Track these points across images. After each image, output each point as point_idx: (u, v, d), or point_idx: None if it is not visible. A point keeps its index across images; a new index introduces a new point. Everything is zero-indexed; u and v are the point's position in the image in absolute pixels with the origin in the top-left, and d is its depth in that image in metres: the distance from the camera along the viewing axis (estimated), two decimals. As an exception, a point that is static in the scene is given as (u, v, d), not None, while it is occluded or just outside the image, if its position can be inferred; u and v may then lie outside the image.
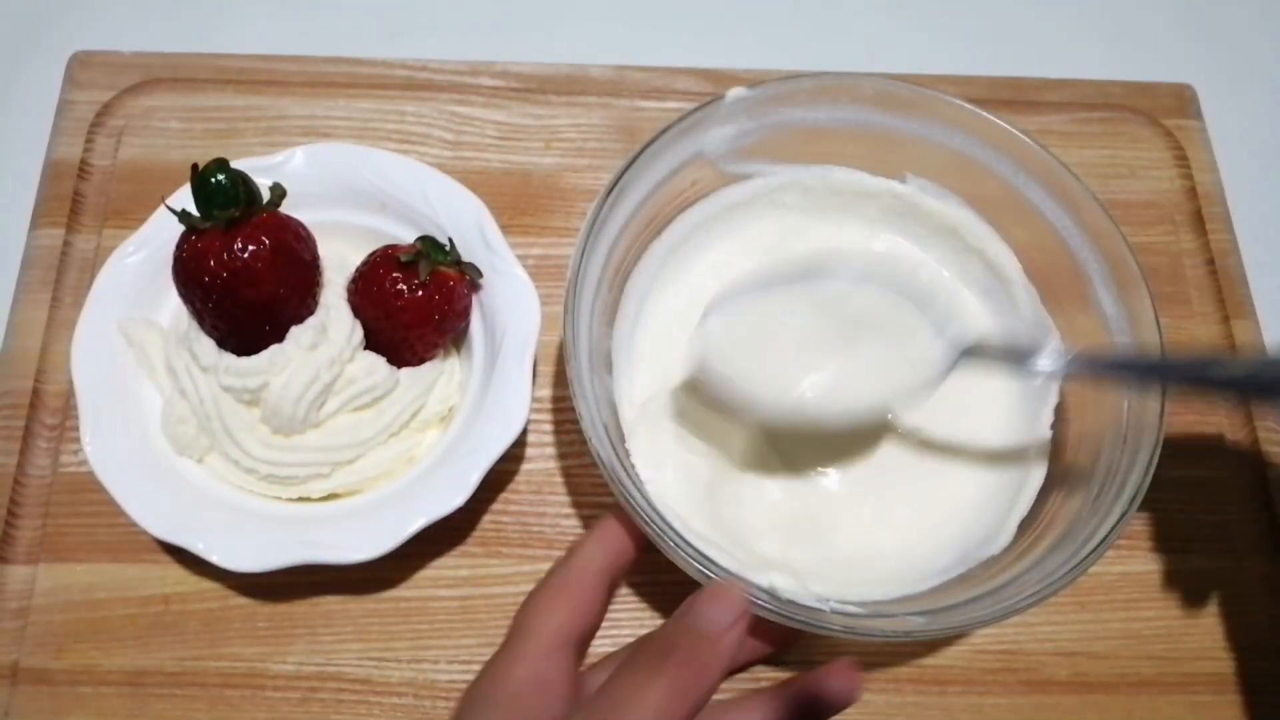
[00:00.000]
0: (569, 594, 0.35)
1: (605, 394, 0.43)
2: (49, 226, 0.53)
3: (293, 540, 0.41)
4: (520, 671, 0.33)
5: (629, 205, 0.45)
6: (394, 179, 0.48)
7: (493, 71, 0.59)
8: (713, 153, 0.47)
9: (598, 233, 0.42)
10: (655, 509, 0.38)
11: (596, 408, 0.40)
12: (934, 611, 0.38)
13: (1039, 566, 0.39)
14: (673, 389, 0.46)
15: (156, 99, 0.57)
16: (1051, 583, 0.37)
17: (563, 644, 0.34)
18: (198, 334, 0.43)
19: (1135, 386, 0.41)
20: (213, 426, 0.43)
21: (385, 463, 0.45)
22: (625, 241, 0.45)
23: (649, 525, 0.37)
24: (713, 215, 0.49)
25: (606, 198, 0.42)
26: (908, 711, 0.46)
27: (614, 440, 0.41)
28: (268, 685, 0.45)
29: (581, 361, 0.40)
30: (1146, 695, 0.46)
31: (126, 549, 0.47)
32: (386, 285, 0.44)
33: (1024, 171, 0.46)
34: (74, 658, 0.45)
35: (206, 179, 0.39)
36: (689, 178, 0.47)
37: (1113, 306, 0.44)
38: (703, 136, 0.46)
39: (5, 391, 0.50)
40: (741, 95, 0.45)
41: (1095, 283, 0.44)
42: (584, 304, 0.42)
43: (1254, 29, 0.68)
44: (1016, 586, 0.38)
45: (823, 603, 0.38)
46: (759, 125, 0.47)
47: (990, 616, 0.37)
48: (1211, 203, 0.58)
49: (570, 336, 0.40)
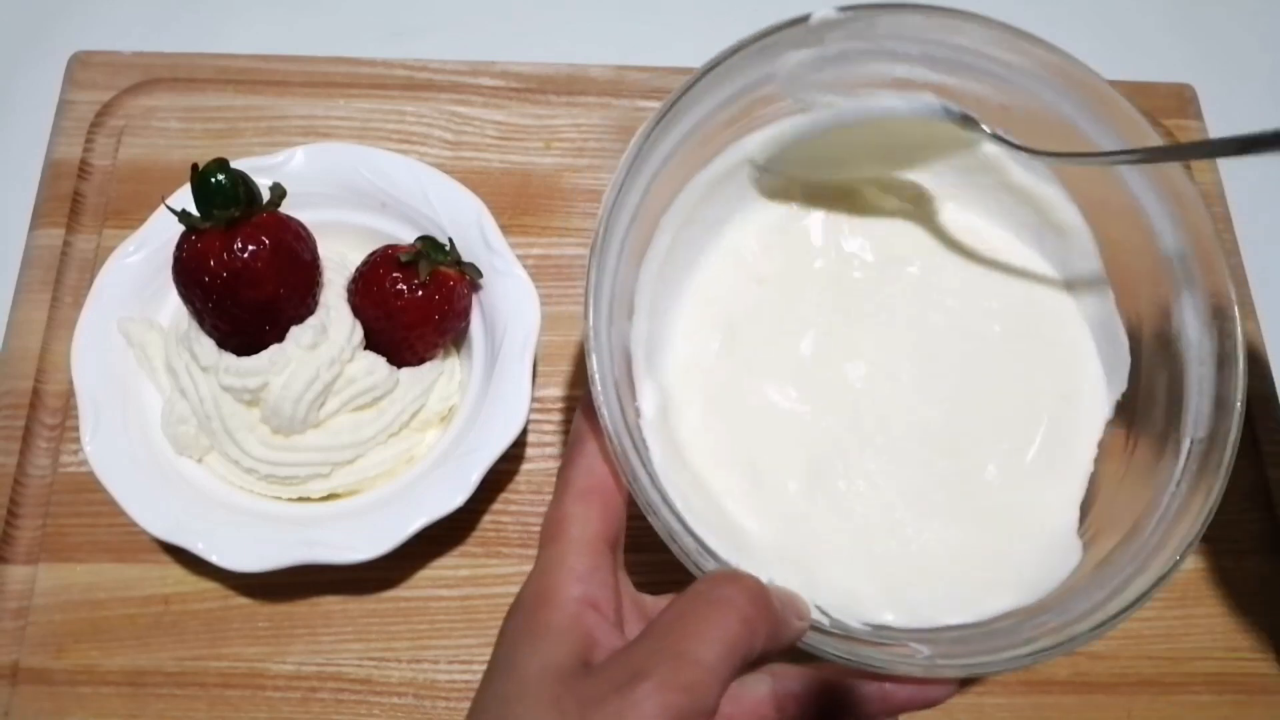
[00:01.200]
0: (595, 494, 0.32)
1: (621, 343, 0.38)
2: (49, 226, 0.53)
3: (293, 540, 0.41)
4: (574, 591, 0.30)
5: (682, 129, 0.39)
6: (394, 179, 0.48)
7: (493, 71, 0.59)
8: (785, 78, 0.41)
9: (643, 158, 0.37)
10: (657, 486, 0.35)
11: (610, 363, 0.35)
12: (939, 643, 0.35)
13: (1061, 609, 0.35)
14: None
15: (156, 99, 0.57)
16: (1076, 637, 0.33)
17: (606, 550, 0.31)
18: (198, 334, 0.43)
19: None
20: (213, 426, 0.43)
21: (385, 463, 0.45)
22: (671, 170, 0.40)
23: (646, 499, 0.33)
24: (763, 147, 0.43)
25: (660, 120, 0.37)
26: (907, 711, 0.46)
27: (622, 400, 0.36)
28: (268, 685, 0.45)
29: (603, 309, 0.36)
30: (1146, 695, 0.46)
31: (126, 549, 0.47)
32: (386, 285, 0.44)
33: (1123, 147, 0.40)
34: (74, 658, 0.45)
35: (206, 179, 0.39)
36: (751, 104, 0.41)
37: (1197, 333, 0.39)
38: (777, 59, 0.40)
39: (5, 391, 0.50)
40: (829, 17, 0.40)
41: (1183, 301, 0.39)
42: (613, 242, 0.37)
43: (1253, 29, 0.68)
44: (1033, 629, 0.35)
45: (822, 615, 0.35)
46: (839, 52, 0.41)
47: (1002, 664, 0.33)
48: (1211, 203, 0.58)
49: (593, 280, 0.35)
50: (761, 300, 0.43)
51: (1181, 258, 0.39)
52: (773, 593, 0.30)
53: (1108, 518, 0.39)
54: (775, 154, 0.43)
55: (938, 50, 0.41)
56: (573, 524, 0.31)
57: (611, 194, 0.36)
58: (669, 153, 0.39)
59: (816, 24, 0.40)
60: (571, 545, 0.31)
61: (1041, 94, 0.41)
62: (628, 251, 0.38)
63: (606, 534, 0.31)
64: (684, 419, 0.40)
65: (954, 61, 0.41)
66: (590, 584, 0.30)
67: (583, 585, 0.30)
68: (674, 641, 0.27)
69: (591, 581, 0.30)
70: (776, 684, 0.31)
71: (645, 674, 0.26)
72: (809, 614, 0.32)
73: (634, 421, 0.37)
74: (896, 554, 0.39)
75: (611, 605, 0.30)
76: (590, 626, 0.29)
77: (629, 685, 0.26)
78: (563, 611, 0.29)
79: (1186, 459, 0.37)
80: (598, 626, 0.29)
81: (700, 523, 0.35)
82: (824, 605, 0.35)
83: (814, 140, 0.42)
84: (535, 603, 0.30)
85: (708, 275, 0.43)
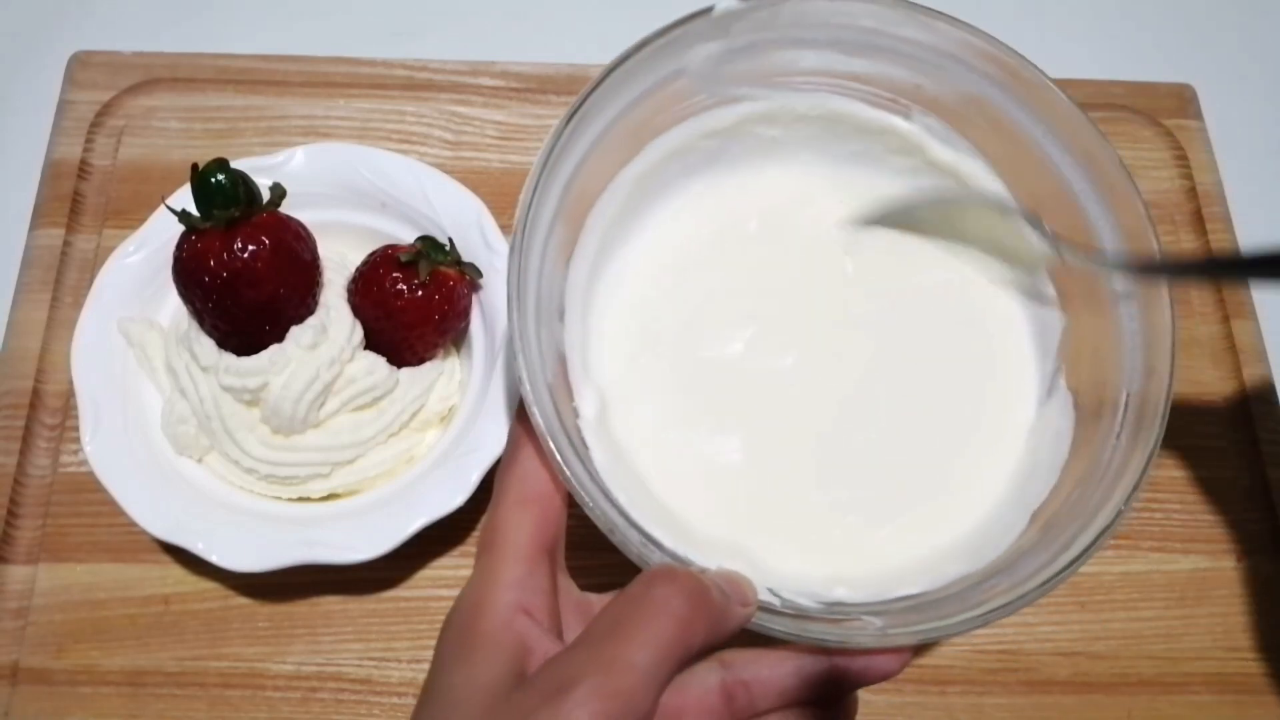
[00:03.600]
0: (531, 500, 0.31)
1: (553, 346, 0.38)
2: (49, 226, 0.53)
3: (293, 540, 0.41)
4: (507, 598, 0.29)
5: (596, 127, 0.39)
6: (394, 179, 0.48)
7: (493, 71, 0.59)
8: (695, 72, 0.41)
9: (556, 159, 0.37)
10: (598, 482, 0.34)
11: (540, 364, 0.35)
12: (891, 614, 0.35)
13: (1010, 571, 0.36)
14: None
15: (156, 99, 0.57)
16: (1025, 594, 0.34)
17: (542, 556, 0.31)
18: (198, 334, 0.43)
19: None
20: (213, 426, 0.43)
21: (385, 463, 0.45)
22: (589, 168, 0.40)
23: (584, 495, 0.33)
24: (687, 143, 0.43)
25: (570, 118, 0.37)
26: (908, 711, 0.46)
27: (558, 401, 0.36)
28: (268, 685, 0.45)
29: (528, 313, 0.35)
30: (1146, 695, 0.46)
31: (126, 549, 0.47)
32: (386, 285, 0.44)
33: (1045, 124, 0.40)
34: (74, 658, 0.45)
35: (206, 179, 0.39)
36: (666, 99, 0.41)
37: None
38: (684, 54, 0.40)
39: (5, 391, 0.50)
40: (731, 8, 0.40)
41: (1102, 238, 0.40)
42: (534, 244, 0.36)
43: (1254, 29, 0.68)
44: (984, 592, 0.35)
45: (773, 596, 0.35)
46: (749, 43, 0.41)
47: (955, 627, 0.33)
48: (1211, 203, 0.58)
49: (516, 281, 0.35)
50: (692, 295, 0.43)
51: (1108, 221, 0.39)
52: (715, 582, 0.30)
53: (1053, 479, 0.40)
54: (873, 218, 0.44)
55: (845, 34, 0.41)
56: (507, 532, 0.31)
57: (527, 194, 0.36)
58: (586, 151, 0.39)
59: (720, 14, 0.40)
60: (505, 554, 0.30)
61: (952, 70, 0.41)
62: (552, 252, 0.38)
63: (542, 540, 0.31)
64: (622, 419, 0.40)
65: (865, 44, 0.41)
66: (524, 590, 0.30)
67: (515, 592, 0.30)
68: (607, 647, 0.27)
69: (525, 588, 0.30)
70: (726, 673, 0.31)
71: (576, 682, 0.26)
72: (754, 597, 0.32)
73: (572, 423, 0.37)
74: (841, 534, 0.40)
75: (547, 611, 0.30)
76: (523, 634, 0.29)
77: (559, 695, 0.26)
78: (494, 621, 0.29)
79: (1124, 413, 0.37)
80: (530, 633, 0.29)
81: (645, 517, 0.35)
82: (775, 586, 0.35)
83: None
84: (468, 615, 0.30)
85: (637, 272, 0.43)
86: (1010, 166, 0.43)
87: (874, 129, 0.44)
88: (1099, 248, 0.39)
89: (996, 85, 0.41)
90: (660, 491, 0.39)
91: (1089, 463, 0.38)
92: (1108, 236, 0.39)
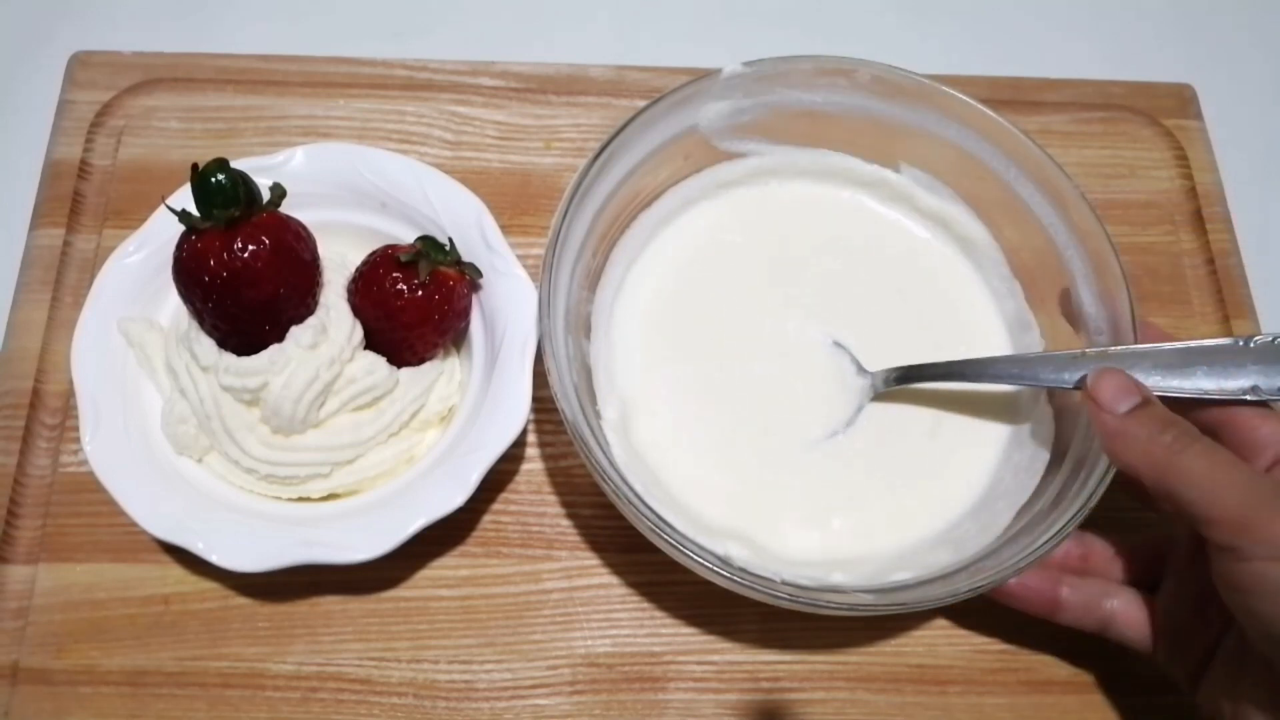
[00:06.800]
0: None
1: (580, 356, 0.44)
2: (49, 226, 0.53)
3: (293, 540, 0.41)
4: None
5: (618, 172, 0.45)
6: (394, 179, 0.48)
7: (493, 71, 0.59)
8: (706, 128, 0.48)
9: (584, 193, 0.43)
10: (618, 470, 0.40)
11: (568, 366, 0.41)
12: (883, 590, 0.40)
13: (994, 554, 0.40)
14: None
15: (156, 99, 0.57)
16: (1001, 572, 0.39)
17: None
18: (198, 334, 0.43)
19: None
20: (213, 426, 0.43)
21: (385, 462, 0.45)
22: (613, 208, 0.46)
23: (607, 483, 0.39)
24: (703, 191, 0.50)
25: (594, 161, 0.43)
26: (908, 711, 0.46)
27: (583, 401, 0.42)
28: (268, 685, 0.45)
29: (557, 321, 0.41)
30: (1146, 695, 0.46)
31: (126, 549, 0.47)
32: (386, 285, 0.44)
33: (1018, 168, 0.46)
34: (74, 658, 0.45)
35: (206, 179, 0.39)
36: (681, 151, 0.48)
37: (1093, 306, 0.44)
38: (697, 111, 0.47)
39: (5, 391, 0.50)
40: (737, 71, 0.46)
41: (1079, 282, 0.45)
42: (564, 264, 0.43)
43: (1254, 29, 0.68)
44: (969, 573, 0.40)
45: (774, 574, 0.39)
46: (755, 103, 0.48)
47: (940, 598, 0.39)
48: (1211, 203, 0.58)
49: (547, 294, 0.41)
50: (703, 311, 0.49)
51: (1076, 251, 0.45)
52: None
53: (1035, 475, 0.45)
54: None
55: (840, 96, 0.48)
56: None
57: (556, 224, 0.42)
58: (610, 192, 0.45)
59: (728, 77, 0.46)
60: None
61: (936, 127, 0.48)
62: (579, 276, 0.45)
63: None
64: (639, 422, 0.45)
65: (856, 106, 0.48)
66: None
67: None
68: None
69: None
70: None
71: None
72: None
73: (596, 423, 0.42)
74: (839, 526, 0.45)
75: None
76: None
77: None
78: None
79: None
80: None
81: (659, 504, 0.40)
82: (777, 570, 0.40)
83: None
84: None
85: (655, 291, 0.49)
86: (989, 211, 0.49)
87: (867, 180, 0.51)
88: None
89: (976, 139, 0.47)
90: (671, 484, 0.44)
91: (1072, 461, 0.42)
92: (1078, 266, 0.45)
